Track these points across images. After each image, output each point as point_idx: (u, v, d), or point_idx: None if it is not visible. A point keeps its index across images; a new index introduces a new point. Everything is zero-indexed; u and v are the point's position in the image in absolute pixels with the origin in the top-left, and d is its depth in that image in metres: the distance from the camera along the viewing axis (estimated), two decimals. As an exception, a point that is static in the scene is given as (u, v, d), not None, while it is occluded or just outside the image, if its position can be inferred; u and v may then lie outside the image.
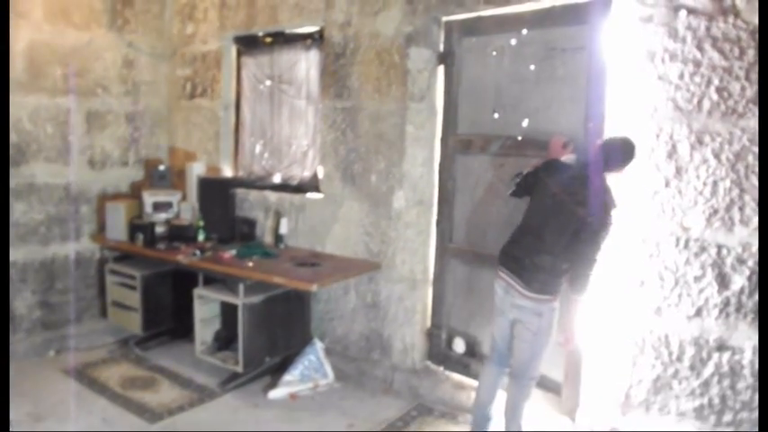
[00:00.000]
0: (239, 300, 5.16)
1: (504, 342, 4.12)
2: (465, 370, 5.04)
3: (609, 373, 4.25)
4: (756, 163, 3.73)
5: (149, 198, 6.16)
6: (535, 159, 4.19)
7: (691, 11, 3.83)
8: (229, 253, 5.41)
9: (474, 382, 4.60)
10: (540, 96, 4.53)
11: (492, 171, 4.83)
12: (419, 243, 5.19)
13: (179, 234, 5.95)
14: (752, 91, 3.69)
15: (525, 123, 4.60)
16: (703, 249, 3.90)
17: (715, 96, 3.80)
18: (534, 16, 4.52)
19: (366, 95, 5.37)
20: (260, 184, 6.36)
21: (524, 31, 4.58)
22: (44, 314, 5.93)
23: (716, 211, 3.85)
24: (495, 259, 4.10)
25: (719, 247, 3.86)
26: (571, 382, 4.45)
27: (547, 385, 4.54)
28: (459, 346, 5.10)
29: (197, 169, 6.49)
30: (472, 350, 5.05)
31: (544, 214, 3.88)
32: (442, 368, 5.21)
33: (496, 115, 4.78)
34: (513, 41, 4.65)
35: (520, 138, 4.63)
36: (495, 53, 4.77)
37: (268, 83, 6.36)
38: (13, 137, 5.55)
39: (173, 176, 6.62)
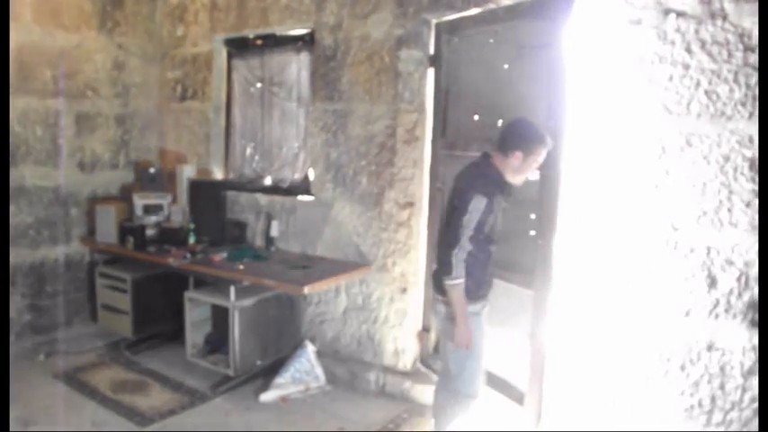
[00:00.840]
0: (230, 303, 5.15)
1: (444, 362, 4.04)
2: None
3: (598, 373, 4.26)
4: (745, 164, 3.75)
5: (139, 201, 6.14)
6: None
7: (680, 14, 3.85)
8: (220, 256, 5.41)
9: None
10: (513, 96, 4.46)
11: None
12: (410, 245, 5.19)
13: (169, 237, 5.93)
14: (740, 93, 3.71)
15: (500, 123, 4.55)
16: (692, 250, 3.92)
17: (704, 99, 3.81)
18: (507, 13, 4.46)
19: (357, 98, 5.38)
20: (251, 186, 6.35)
21: (498, 29, 4.54)
22: (34, 318, 5.91)
23: (705, 213, 3.87)
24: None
25: (708, 249, 3.88)
26: (534, 390, 4.32)
27: (510, 393, 4.47)
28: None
29: (187, 172, 6.47)
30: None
31: None
32: (432, 371, 5.21)
33: (476, 117, 4.77)
34: (491, 40, 4.62)
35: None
36: (474, 53, 4.76)
37: (259, 85, 6.36)
38: (2, 139, 5.54)
39: (163, 179, 6.59)
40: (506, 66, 4.52)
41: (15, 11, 5.53)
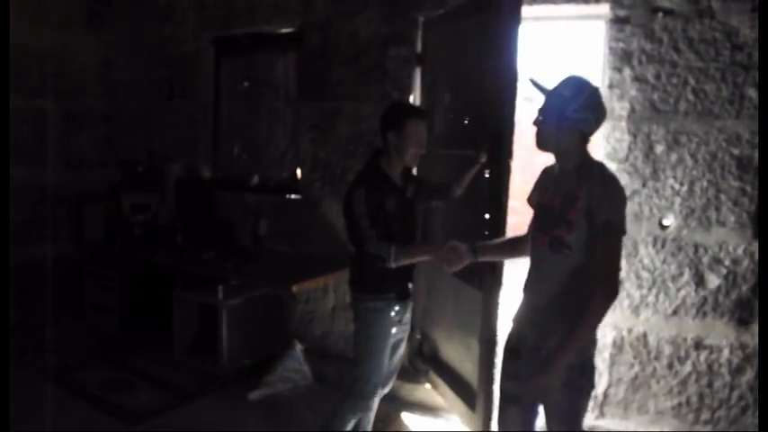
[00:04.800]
0: (218, 301, 5.15)
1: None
2: (440, 370, 5.02)
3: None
4: (733, 163, 3.77)
5: (127, 199, 6.12)
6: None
7: (667, 12, 3.86)
8: (208, 254, 5.39)
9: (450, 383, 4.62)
10: (477, 91, 4.30)
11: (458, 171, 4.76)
12: (398, 244, 5.19)
13: (157, 235, 5.92)
14: (727, 91, 3.74)
15: (466, 122, 4.48)
16: (680, 249, 3.94)
17: (691, 97, 3.83)
18: (470, 8, 4.32)
19: (345, 96, 5.37)
20: (238, 185, 6.34)
21: (465, 25, 4.41)
22: (21, 317, 5.88)
23: (693, 211, 3.88)
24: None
25: (696, 247, 3.90)
26: (483, 394, 4.07)
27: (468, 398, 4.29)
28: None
29: (175, 170, 6.45)
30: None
31: None
32: (418, 369, 5.21)
33: (451, 115, 4.73)
34: (463, 37, 4.53)
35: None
36: (452, 50, 4.72)
37: (246, 84, 6.35)
38: (-12, 138, 5.51)
39: (151, 178, 6.56)
40: (474, 62, 4.40)
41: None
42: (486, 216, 4.03)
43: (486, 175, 4.03)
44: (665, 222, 3.97)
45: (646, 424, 4.16)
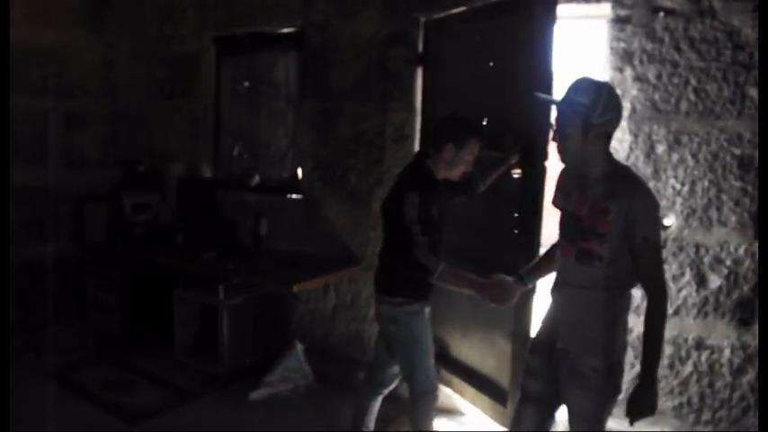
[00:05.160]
0: (219, 301, 5.14)
1: (376, 360, 4.11)
2: (454, 369, 5.00)
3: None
4: (734, 163, 3.77)
5: (128, 199, 6.11)
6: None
7: (668, 12, 3.86)
8: (209, 254, 5.39)
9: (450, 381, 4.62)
10: (497, 94, 4.33)
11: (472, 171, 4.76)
12: (399, 244, 5.18)
13: (158, 235, 5.91)
14: (729, 91, 3.74)
15: (484, 122, 4.45)
16: (681, 249, 3.93)
17: (692, 97, 3.83)
18: (493, 11, 4.31)
19: (346, 96, 5.36)
20: (239, 185, 6.34)
21: (484, 27, 4.42)
22: (22, 316, 5.87)
23: (694, 211, 3.88)
24: (469, 260, 3.99)
25: (697, 247, 3.89)
26: (515, 391, 3.93)
27: (496, 395, 4.31)
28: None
29: (176, 170, 6.45)
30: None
31: None
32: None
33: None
34: (478, 38, 4.49)
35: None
36: (462, 51, 4.71)
37: (247, 84, 6.34)
38: (-11, 138, 5.50)
39: (152, 178, 6.56)
40: (491, 64, 4.40)
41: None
42: (516, 215, 4.05)
43: (515, 176, 4.05)
44: (665, 222, 3.97)
45: (646, 424, 4.14)
